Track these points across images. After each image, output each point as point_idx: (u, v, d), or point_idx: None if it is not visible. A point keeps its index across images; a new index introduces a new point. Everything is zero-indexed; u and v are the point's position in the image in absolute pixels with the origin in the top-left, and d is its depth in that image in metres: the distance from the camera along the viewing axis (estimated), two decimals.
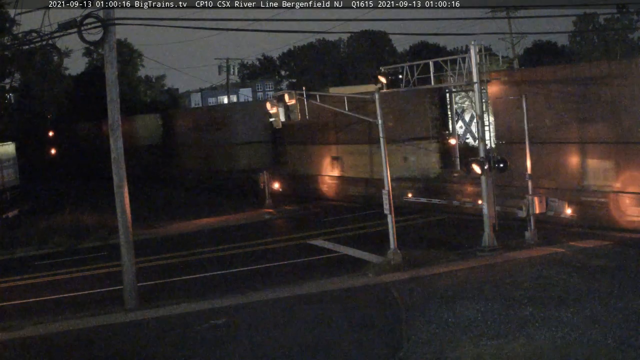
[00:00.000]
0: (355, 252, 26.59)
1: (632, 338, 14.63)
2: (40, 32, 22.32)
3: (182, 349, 16.71)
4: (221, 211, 39.81)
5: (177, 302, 20.96)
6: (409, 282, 21.10)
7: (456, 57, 25.39)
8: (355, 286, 21.33)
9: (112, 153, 21.12)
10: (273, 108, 26.88)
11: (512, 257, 23.04)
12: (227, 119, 54.14)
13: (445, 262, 23.08)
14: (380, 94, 24.52)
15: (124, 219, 21.12)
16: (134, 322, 19.45)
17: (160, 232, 35.28)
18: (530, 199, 24.77)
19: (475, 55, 24.19)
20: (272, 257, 27.33)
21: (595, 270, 20.39)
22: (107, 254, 29.42)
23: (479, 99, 24.42)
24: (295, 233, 32.04)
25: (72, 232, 33.76)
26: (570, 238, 25.18)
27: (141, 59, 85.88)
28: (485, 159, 23.88)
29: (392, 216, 23.38)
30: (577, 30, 79.54)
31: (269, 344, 16.55)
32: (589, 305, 17.08)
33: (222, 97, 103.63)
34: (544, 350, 14.46)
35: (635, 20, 74.04)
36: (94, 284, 25.11)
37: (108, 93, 21.00)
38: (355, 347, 15.82)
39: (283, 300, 20.39)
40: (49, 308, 21.88)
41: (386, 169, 23.79)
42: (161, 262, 28.07)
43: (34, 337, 18.60)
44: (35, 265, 29.16)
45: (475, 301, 18.19)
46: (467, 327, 16.31)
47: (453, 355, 14.75)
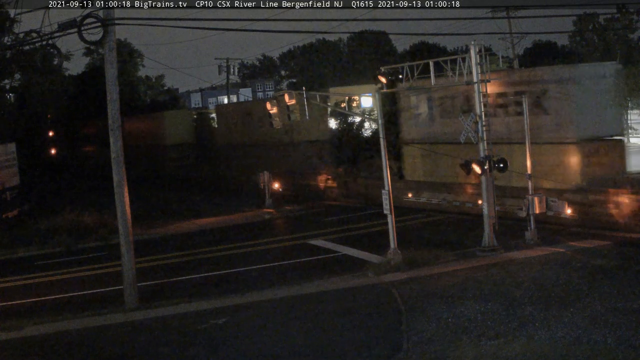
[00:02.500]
0: (355, 252, 26.60)
1: (632, 338, 14.64)
2: (40, 32, 22.31)
3: (182, 349, 16.72)
4: (221, 211, 39.86)
5: (177, 302, 20.95)
6: (409, 282, 21.11)
7: (456, 57, 25.40)
8: (355, 286, 21.33)
9: (112, 153, 21.11)
10: (273, 108, 26.93)
11: (512, 257, 23.05)
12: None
13: (445, 262, 23.09)
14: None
15: (124, 219, 21.13)
16: (134, 322, 19.45)
17: (160, 232, 35.28)
18: (530, 199, 24.78)
19: (475, 55, 24.20)
20: (273, 257, 27.34)
21: (595, 270, 20.40)
22: (107, 254, 29.42)
23: (478, 99, 24.42)
24: (296, 233, 32.10)
25: (72, 232, 33.74)
26: (570, 238, 25.18)
27: (141, 59, 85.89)
28: (485, 159, 23.88)
29: (392, 216, 23.39)
30: (577, 30, 79.49)
31: (269, 344, 16.56)
32: (589, 305, 17.09)
33: (222, 97, 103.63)
34: (544, 350, 14.47)
35: (635, 20, 73.98)
36: (94, 284, 25.10)
37: (108, 93, 21.01)
38: (356, 347, 15.82)
39: (283, 300, 20.39)
40: (49, 308, 21.88)
41: (386, 168, 23.80)
42: (161, 262, 28.07)
43: (34, 337, 18.60)
44: (35, 265, 29.15)
45: (475, 301, 18.20)
46: (467, 327, 16.32)
47: (453, 355, 14.75)
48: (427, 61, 26.04)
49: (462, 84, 25.77)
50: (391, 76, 25.75)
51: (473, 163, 23.89)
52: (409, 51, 58.55)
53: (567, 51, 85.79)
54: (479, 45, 24.59)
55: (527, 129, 25.58)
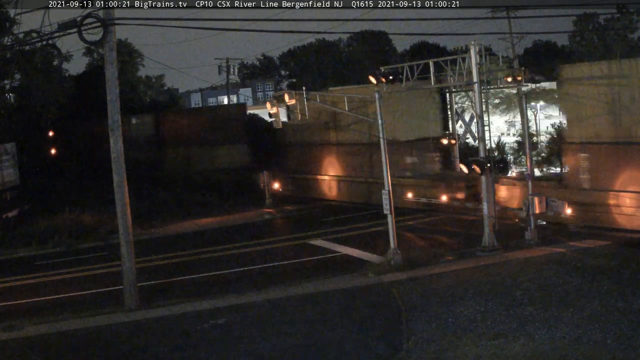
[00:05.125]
0: (355, 252, 26.59)
1: (632, 338, 14.64)
2: (40, 32, 22.30)
3: (182, 349, 16.72)
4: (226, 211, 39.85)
5: (177, 302, 20.96)
6: (409, 282, 21.11)
7: (456, 57, 25.40)
8: (356, 286, 21.33)
9: (112, 153, 21.11)
10: (273, 108, 26.92)
11: (512, 257, 23.04)
12: None
13: (445, 262, 23.09)
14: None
15: (124, 219, 21.12)
16: (134, 322, 19.45)
17: (160, 232, 35.27)
18: (530, 199, 24.78)
19: (475, 55, 24.20)
20: (273, 257, 27.33)
21: (595, 270, 20.39)
22: (107, 254, 29.42)
23: (479, 99, 24.43)
24: (296, 233, 32.10)
25: (72, 232, 33.71)
26: (570, 238, 25.18)
27: (141, 59, 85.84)
28: (485, 159, 23.89)
29: (392, 216, 23.39)
30: (577, 30, 79.50)
31: (269, 344, 16.56)
32: (589, 305, 17.09)
33: (222, 97, 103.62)
34: (544, 350, 14.47)
35: (635, 20, 73.97)
36: (94, 284, 25.09)
37: (108, 93, 21.00)
38: (356, 347, 15.82)
39: (283, 300, 20.39)
40: (49, 308, 21.87)
41: (386, 168, 23.80)
42: (161, 262, 28.07)
43: (34, 337, 18.60)
44: (35, 265, 29.13)
45: (475, 301, 18.20)
46: (467, 327, 16.33)
47: (453, 355, 14.76)
48: (427, 61, 26.05)
49: (462, 84, 25.79)
50: (391, 76, 25.72)
51: (473, 163, 23.91)
52: (409, 51, 58.52)
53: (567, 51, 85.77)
54: (479, 45, 24.61)
55: (526, 128, 25.58)
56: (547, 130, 37.49)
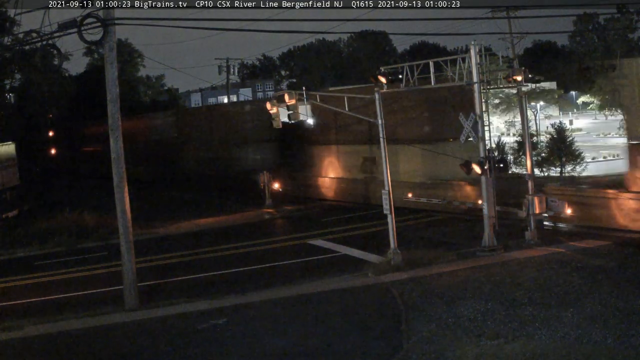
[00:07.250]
0: (355, 252, 26.59)
1: (632, 338, 14.63)
2: (40, 32, 22.30)
3: (182, 349, 16.71)
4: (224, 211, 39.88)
5: (177, 302, 20.96)
6: (409, 282, 21.09)
7: (456, 57, 25.37)
8: (355, 286, 21.32)
9: (112, 153, 21.10)
10: (273, 108, 26.88)
11: (512, 257, 23.03)
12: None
13: (445, 262, 23.08)
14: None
15: (124, 219, 21.12)
16: (134, 322, 19.44)
17: (161, 231, 35.28)
18: (530, 199, 24.77)
19: (475, 55, 24.19)
20: (273, 257, 27.33)
21: (595, 270, 20.38)
22: (107, 254, 29.42)
23: (479, 99, 24.41)
24: (296, 233, 32.09)
25: (72, 232, 33.74)
26: (570, 238, 25.18)
27: (141, 59, 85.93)
28: (485, 159, 23.87)
29: (392, 216, 23.38)
30: (577, 30, 79.57)
31: (269, 344, 16.55)
32: (589, 305, 17.08)
33: (222, 97, 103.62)
34: (544, 350, 14.45)
35: (635, 20, 74.04)
36: (94, 284, 25.09)
37: (108, 93, 21.00)
38: (355, 347, 15.81)
39: (283, 300, 20.39)
40: (49, 308, 21.87)
41: (386, 169, 23.80)
42: (161, 262, 28.07)
43: (34, 337, 18.59)
44: (35, 265, 29.13)
45: (475, 301, 18.19)
46: (467, 327, 16.32)
47: (453, 355, 14.75)
48: (427, 61, 26.03)
49: (461, 84, 25.75)
50: (391, 76, 25.72)
51: (473, 163, 23.88)
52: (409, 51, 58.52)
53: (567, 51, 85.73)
54: (479, 45, 24.59)
55: (526, 128, 25.57)
56: (547, 130, 37.47)
